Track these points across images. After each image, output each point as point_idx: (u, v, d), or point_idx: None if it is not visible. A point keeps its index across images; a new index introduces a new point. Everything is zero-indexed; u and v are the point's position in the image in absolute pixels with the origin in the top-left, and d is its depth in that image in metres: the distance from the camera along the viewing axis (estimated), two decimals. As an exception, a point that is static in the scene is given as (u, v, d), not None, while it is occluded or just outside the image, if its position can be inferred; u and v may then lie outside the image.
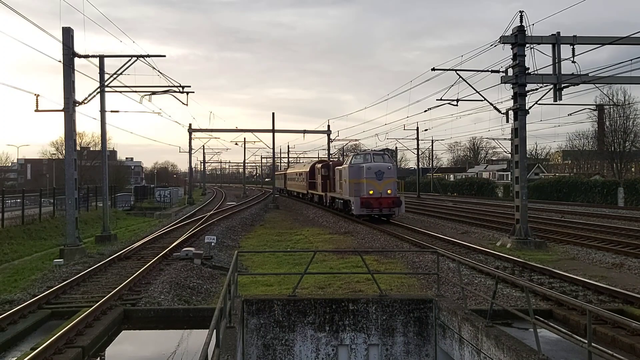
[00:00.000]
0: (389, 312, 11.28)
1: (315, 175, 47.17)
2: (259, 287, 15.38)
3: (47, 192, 39.42)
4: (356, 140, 74.80)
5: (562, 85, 22.59)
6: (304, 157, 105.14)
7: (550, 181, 62.43)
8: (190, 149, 67.73)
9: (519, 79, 22.51)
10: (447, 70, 24.87)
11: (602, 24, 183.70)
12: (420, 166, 77.36)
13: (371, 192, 30.47)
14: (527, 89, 22.91)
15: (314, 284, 15.25)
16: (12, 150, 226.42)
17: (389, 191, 30.71)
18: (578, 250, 20.91)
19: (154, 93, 27.39)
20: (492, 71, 24.02)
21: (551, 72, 22.68)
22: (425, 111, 74.92)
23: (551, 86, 22.78)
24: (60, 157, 67.56)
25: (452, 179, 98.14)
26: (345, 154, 76.00)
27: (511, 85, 23.03)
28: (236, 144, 78.09)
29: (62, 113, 22.82)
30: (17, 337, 10.35)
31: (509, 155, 63.58)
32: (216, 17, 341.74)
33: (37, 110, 23.16)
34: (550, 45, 22.52)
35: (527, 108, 22.94)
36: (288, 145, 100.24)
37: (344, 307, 11.28)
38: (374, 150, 38.57)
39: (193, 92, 29.39)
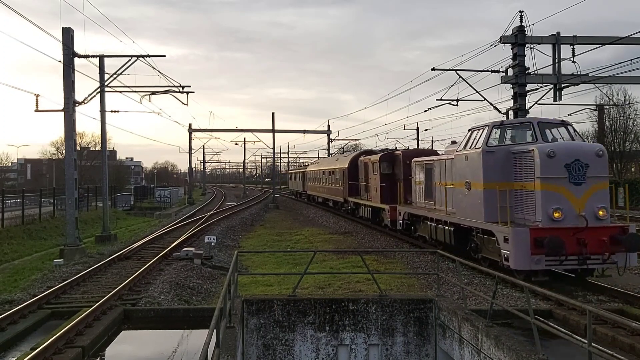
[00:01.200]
0: (389, 312, 11.28)
1: (361, 174, 30.99)
2: (259, 287, 15.38)
3: (47, 192, 39.43)
4: (356, 140, 74.70)
5: (562, 85, 22.62)
6: (304, 157, 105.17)
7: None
8: (190, 149, 67.76)
9: (519, 79, 22.52)
10: (447, 70, 24.87)
11: (603, 23, 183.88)
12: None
13: (557, 213, 13.28)
14: (527, 89, 22.93)
15: (314, 284, 15.26)
16: (12, 150, 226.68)
17: (600, 212, 13.56)
18: (578, 250, 20.84)
19: (154, 93, 27.42)
20: (492, 71, 24.06)
21: (551, 72, 22.71)
22: (425, 111, 74.78)
23: (551, 86, 22.81)
24: (60, 157, 67.60)
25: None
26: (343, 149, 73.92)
27: (511, 85, 23.05)
28: (236, 144, 78.18)
29: (62, 113, 22.84)
30: (17, 337, 10.36)
31: (509, 155, 63.35)
32: (216, 17, 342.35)
33: (37, 110, 23.23)
34: (550, 45, 22.55)
35: (527, 108, 22.96)
36: (288, 145, 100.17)
37: (344, 307, 11.28)
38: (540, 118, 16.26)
39: (193, 92, 29.51)
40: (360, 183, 31.31)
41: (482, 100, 25.44)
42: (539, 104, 24.11)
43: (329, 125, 62.96)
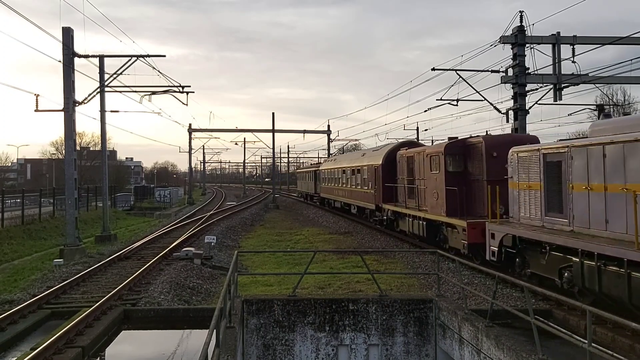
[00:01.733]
0: (389, 312, 11.28)
1: (401, 172, 23.70)
2: (259, 287, 15.38)
3: (47, 192, 39.43)
4: (356, 140, 74.75)
5: (562, 85, 22.63)
6: (304, 157, 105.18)
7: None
8: (190, 149, 67.75)
9: (519, 79, 22.52)
10: (447, 70, 24.88)
11: (603, 23, 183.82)
12: (420, 166, 76.96)
13: None
14: (527, 89, 22.94)
15: (314, 284, 15.26)
16: (12, 150, 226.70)
17: None
18: (578, 250, 20.83)
19: (154, 93, 27.42)
20: (492, 71, 24.06)
21: (551, 72, 22.72)
22: (425, 111, 74.85)
23: (551, 86, 22.82)
24: (60, 157, 67.60)
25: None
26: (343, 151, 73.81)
27: (511, 85, 23.05)
28: (236, 144, 78.22)
29: (62, 113, 22.84)
30: (17, 337, 10.35)
31: (509, 155, 63.53)
32: (216, 16, 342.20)
33: (37, 110, 23.24)
34: (550, 45, 22.58)
35: (527, 108, 22.97)
36: (288, 145, 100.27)
37: (344, 307, 11.28)
38: None
39: (193, 92, 29.48)
40: (400, 185, 23.58)
41: (482, 100, 25.47)
42: (539, 104, 24.12)
43: (329, 125, 62.99)
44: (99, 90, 25.48)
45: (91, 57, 24.64)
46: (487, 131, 20.81)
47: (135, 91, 27.24)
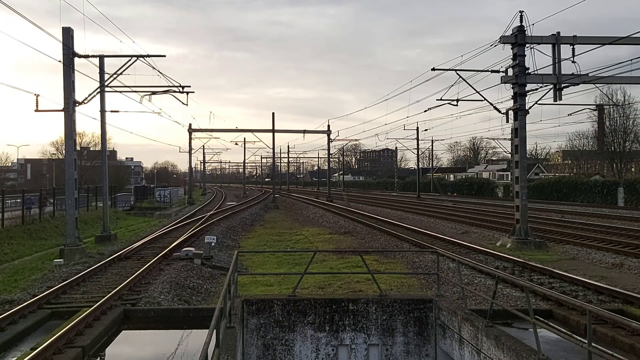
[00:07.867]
0: (389, 312, 11.28)
1: None
2: (259, 287, 15.38)
3: (47, 192, 39.41)
4: (356, 140, 74.85)
5: (562, 85, 22.61)
6: (304, 157, 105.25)
7: (550, 181, 62.44)
8: (190, 149, 67.76)
9: (519, 79, 22.51)
10: (447, 70, 24.89)
11: (610, 20, 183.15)
12: (420, 166, 77.46)
13: None
14: (527, 89, 22.92)
15: (314, 284, 15.26)
16: (12, 150, 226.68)
17: None
18: (578, 250, 20.91)
19: (154, 93, 27.39)
20: (492, 71, 24.06)
21: (551, 72, 22.70)
22: (425, 111, 75.06)
23: (551, 86, 22.80)
24: (60, 157, 67.60)
25: (452, 179, 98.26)
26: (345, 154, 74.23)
27: (511, 85, 23.04)
28: (236, 144, 78.29)
29: (62, 113, 22.82)
30: (17, 337, 10.35)
31: (509, 155, 63.71)
32: (214, 15, 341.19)
33: (37, 110, 23.20)
34: (550, 45, 22.55)
35: (527, 108, 22.96)
36: (288, 145, 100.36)
37: (344, 307, 11.28)
38: None
39: (193, 92, 29.32)
40: None
41: (482, 100, 25.48)
42: (539, 104, 24.12)
43: (329, 125, 62.93)
44: (99, 90, 25.46)
45: (91, 57, 24.61)
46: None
47: (135, 91, 27.24)
